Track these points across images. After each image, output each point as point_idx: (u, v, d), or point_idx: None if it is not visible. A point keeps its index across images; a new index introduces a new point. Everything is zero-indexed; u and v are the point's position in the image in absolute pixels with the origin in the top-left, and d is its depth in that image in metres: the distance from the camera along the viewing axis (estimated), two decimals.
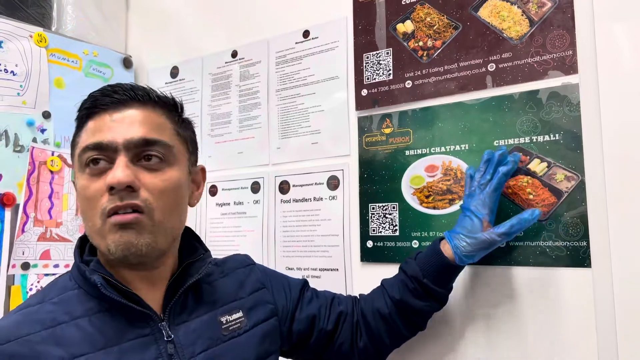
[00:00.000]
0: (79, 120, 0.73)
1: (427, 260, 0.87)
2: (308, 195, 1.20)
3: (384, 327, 0.89)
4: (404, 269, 0.89)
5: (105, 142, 0.68)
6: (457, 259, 0.84)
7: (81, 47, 1.41)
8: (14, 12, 1.32)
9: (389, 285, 0.90)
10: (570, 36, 0.91)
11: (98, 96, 0.71)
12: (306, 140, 1.21)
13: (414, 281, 0.86)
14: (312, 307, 0.90)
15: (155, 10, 1.56)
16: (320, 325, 0.89)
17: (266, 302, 0.85)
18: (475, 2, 1.01)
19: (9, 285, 1.21)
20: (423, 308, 0.87)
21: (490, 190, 0.86)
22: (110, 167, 0.67)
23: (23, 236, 1.24)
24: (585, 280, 0.86)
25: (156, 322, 0.70)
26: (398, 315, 0.88)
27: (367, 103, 1.12)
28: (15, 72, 1.26)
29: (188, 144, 0.78)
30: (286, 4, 1.28)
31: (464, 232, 0.85)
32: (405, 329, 0.90)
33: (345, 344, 0.90)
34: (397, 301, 0.87)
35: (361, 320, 0.91)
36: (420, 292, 0.86)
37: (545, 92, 0.93)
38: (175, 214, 0.72)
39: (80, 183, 0.70)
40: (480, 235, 0.84)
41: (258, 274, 0.89)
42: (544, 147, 0.92)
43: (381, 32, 1.12)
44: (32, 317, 0.66)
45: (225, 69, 1.38)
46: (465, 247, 0.84)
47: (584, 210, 0.87)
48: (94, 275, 0.67)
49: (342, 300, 0.94)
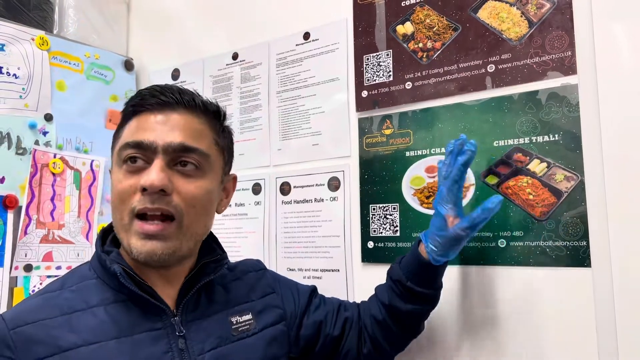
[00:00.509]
0: (125, 116, 0.75)
1: (408, 263, 0.86)
2: (309, 196, 1.20)
3: (380, 333, 0.89)
4: (389, 274, 0.89)
5: (146, 142, 0.70)
6: (431, 259, 0.83)
7: (83, 50, 1.42)
8: (16, 15, 1.33)
9: (380, 292, 0.91)
10: (569, 37, 0.92)
11: (146, 95, 0.73)
12: (307, 142, 1.22)
13: (398, 285, 0.86)
14: (319, 313, 0.90)
15: (157, 12, 1.57)
16: (326, 330, 0.89)
17: (275, 306, 0.87)
18: (475, 3, 1.02)
19: (12, 287, 1.22)
20: (413, 310, 0.86)
21: (450, 182, 0.83)
22: (147, 167, 0.70)
23: (25, 238, 1.25)
24: (585, 280, 0.87)
25: (169, 316, 0.72)
26: (391, 320, 0.88)
27: (367, 104, 1.13)
28: (18, 75, 1.27)
29: (225, 153, 0.80)
30: (286, 6, 1.29)
31: (435, 230, 0.83)
32: (401, 332, 0.89)
33: (352, 351, 0.91)
34: (387, 306, 0.88)
35: (363, 327, 0.92)
36: (407, 295, 0.85)
37: (545, 93, 0.93)
38: (202, 221, 0.75)
39: (115, 176, 0.72)
40: (446, 232, 0.82)
41: (269, 279, 0.91)
42: (543, 147, 0.93)
43: (381, 33, 1.12)
44: (51, 302, 0.69)
45: (226, 71, 1.38)
46: (437, 246, 0.82)
47: (584, 210, 0.88)
48: (114, 265, 0.69)
49: (348, 307, 0.94)
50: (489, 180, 0.97)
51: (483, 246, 0.96)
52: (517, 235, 0.93)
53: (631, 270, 0.83)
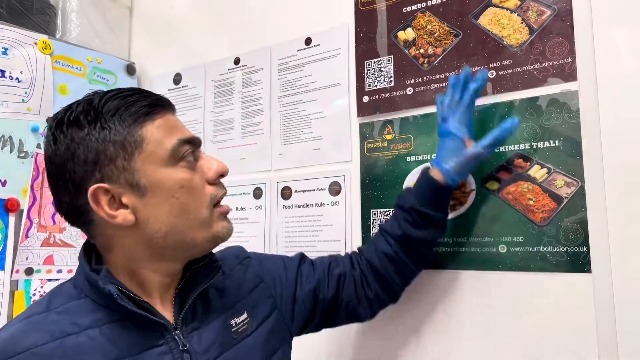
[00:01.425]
0: (137, 116, 0.68)
1: (420, 189, 0.90)
2: (310, 201, 1.21)
3: (392, 268, 0.90)
4: (401, 204, 0.91)
5: (195, 138, 0.72)
6: (449, 180, 0.88)
7: (85, 54, 1.43)
8: (19, 19, 1.34)
9: (388, 227, 0.92)
10: (570, 44, 0.92)
11: (154, 95, 0.71)
12: (308, 147, 1.22)
13: (412, 212, 0.89)
14: (311, 280, 0.90)
15: (159, 17, 1.57)
16: (322, 295, 0.89)
17: (267, 296, 0.85)
18: (476, 10, 1.02)
19: (13, 291, 1.22)
20: (426, 237, 0.90)
21: (464, 108, 0.90)
22: (195, 162, 0.71)
23: (27, 241, 1.25)
24: (586, 286, 0.87)
25: (170, 331, 0.69)
26: (404, 251, 0.90)
27: (368, 109, 1.13)
28: (20, 79, 1.27)
29: None
30: (288, 12, 1.30)
31: (449, 154, 0.89)
32: (413, 263, 0.92)
33: (352, 301, 0.91)
34: (400, 237, 0.89)
35: (367, 270, 0.92)
36: (420, 221, 0.89)
37: (545, 99, 0.93)
38: None
39: (177, 176, 0.68)
40: (466, 152, 0.88)
41: (255, 267, 0.88)
42: (544, 153, 0.93)
43: (382, 39, 1.13)
44: (38, 326, 0.64)
45: (228, 75, 1.39)
46: (454, 166, 0.88)
47: (584, 216, 0.88)
48: (108, 285, 0.65)
49: (339, 261, 0.94)
50: (489, 185, 0.97)
51: (483, 251, 0.97)
52: (518, 240, 0.93)
53: (631, 276, 0.83)
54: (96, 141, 0.65)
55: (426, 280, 1.02)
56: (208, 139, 1.40)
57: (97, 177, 0.65)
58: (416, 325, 1.03)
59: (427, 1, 1.08)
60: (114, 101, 0.67)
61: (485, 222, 0.97)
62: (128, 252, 0.69)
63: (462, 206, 1.00)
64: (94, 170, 0.65)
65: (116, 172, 0.66)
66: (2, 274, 1.20)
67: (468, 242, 0.98)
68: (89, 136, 0.65)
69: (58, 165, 0.67)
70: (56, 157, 0.67)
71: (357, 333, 1.11)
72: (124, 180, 0.66)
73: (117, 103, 0.67)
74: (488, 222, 0.97)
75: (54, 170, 0.68)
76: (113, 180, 0.66)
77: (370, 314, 0.93)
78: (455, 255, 0.99)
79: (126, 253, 0.70)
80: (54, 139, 0.67)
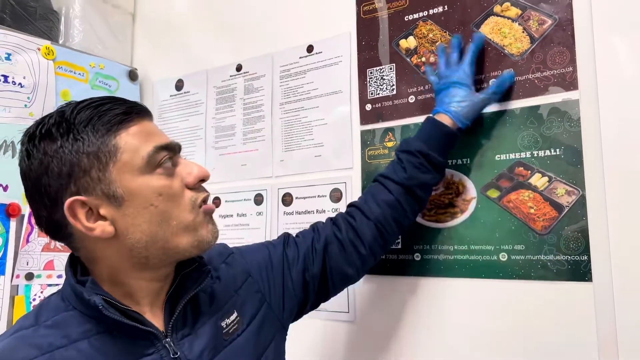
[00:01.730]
0: (110, 125, 0.67)
1: (427, 134, 0.94)
2: (311, 207, 1.21)
3: (391, 214, 0.92)
4: (407, 149, 0.94)
5: (173, 144, 0.70)
6: (459, 123, 0.93)
7: (88, 60, 1.43)
8: (23, 25, 1.35)
9: (390, 173, 0.94)
10: (571, 53, 0.93)
11: (129, 103, 0.70)
12: (309, 153, 1.23)
13: (419, 155, 0.92)
14: (299, 263, 0.89)
15: (161, 23, 1.58)
16: (309, 274, 0.89)
17: (254, 291, 0.84)
18: (477, 19, 1.03)
19: (13, 296, 1.22)
20: (429, 181, 0.93)
21: (468, 62, 0.97)
22: (173, 168, 0.70)
23: (27, 246, 1.25)
24: (587, 295, 0.87)
25: (160, 339, 0.68)
26: (404, 197, 0.92)
27: (371, 117, 1.14)
28: (23, 84, 1.28)
29: None
30: (290, 20, 1.30)
31: (457, 101, 0.94)
32: (409, 210, 0.94)
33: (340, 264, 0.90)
34: (406, 180, 0.91)
35: (362, 224, 0.92)
36: (426, 165, 0.92)
37: (546, 108, 0.94)
38: None
39: (156, 184, 0.67)
40: (474, 98, 0.95)
41: (240, 262, 0.87)
42: (545, 161, 0.93)
43: (384, 47, 1.14)
44: (27, 341, 0.63)
45: (230, 82, 1.39)
46: (465, 109, 0.94)
47: (585, 225, 0.88)
48: (93, 297, 0.64)
49: (320, 232, 0.93)
50: (490, 193, 0.98)
51: (484, 259, 0.97)
52: (519, 249, 0.93)
53: (632, 285, 0.83)
54: (69, 153, 0.64)
55: (425, 288, 1.03)
56: (209, 145, 1.41)
57: (73, 189, 0.64)
58: (414, 334, 1.03)
59: (428, 10, 1.09)
60: (86, 111, 0.66)
61: (486, 230, 0.97)
62: (111, 262, 0.68)
63: (463, 214, 1.00)
64: (69, 183, 0.64)
65: (92, 184, 0.64)
66: (3, 279, 1.20)
67: (469, 250, 0.99)
68: (62, 149, 0.64)
69: (33, 180, 0.66)
70: (31, 172, 0.66)
71: (353, 343, 1.11)
72: (100, 192, 0.65)
73: (89, 113, 0.66)
74: (489, 230, 0.97)
75: (29, 185, 0.67)
76: (89, 192, 0.64)
77: (360, 273, 0.94)
78: (456, 263, 0.99)
79: (110, 264, 0.68)
80: (27, 154, 0.66)
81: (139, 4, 1.65)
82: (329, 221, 0.95)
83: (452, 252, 1.00)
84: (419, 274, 1.04)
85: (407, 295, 1.05)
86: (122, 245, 0.67)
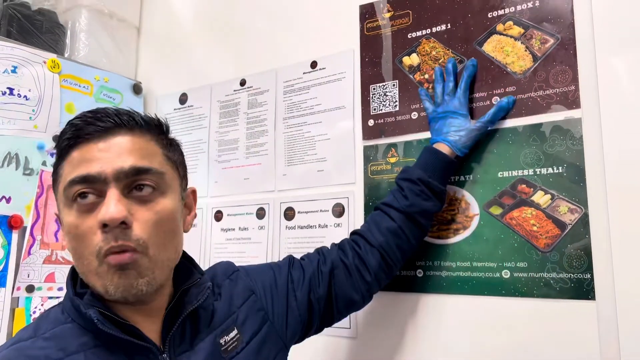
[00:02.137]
0: (60, 151, 0.68)
1: (427, 163, 0.96)
2: (313, 222, 1.21)
3: (394, 242, 0.93)
4: (408, 177, 0.95)
5: (93, 174, 0.64)
6: (457, 152, 0.96)
7: (93, 73, 1.45)
8: (29, 38, 1.36)
9: (391, 201, 0.95)
10: (573, 72, 0.93)
11: (81, 124, 0.66)
12: (312, 168, 1.23)
13: (420, 183, 0.94)
14: (304, 285, 0.89)
15: (166, 38, 1.60)
16: (315, 296, 0.89)
17: (257, 309, 0.83)
18: (480, 37, 1.04)
19: (13, 308, 1.21)
20: (430, 208, 0.95)
21: (462, 91, 1.00)
22: (100, 201, 0.64)
23: (29, 259, 1.25)
24: (590, 313, 0.87)
25: (156, 355, 0.67)
26: (406, 225, 0.94)
27: (373, 133, 1.14)
28: (28, 97, 1.29)
29: (178, 167, 0.75)
30: (295, 36, 1.32)
31: (454, 130, 0.97)
32: (412, 237, 0.95)
33: (346, 290, 0.91)
34: (407, 207, 0.93)
35: (367, 251, 0.93)
36: (427, 192, 0.94)
37: (549, 126, 0.94)
38: (170, 246, 0.69)
39: (67, 220, 0.65)
40: (471, 126, 0.97)
41: (245, 280, 0.86)
42: (547, 179, 0.94)
43: (387, 64, 1.15)
44: (25, 352, 0.63)
45: (234, 96, 1.40)
46: (461, 139, 0.96)
47: (588, 243, 0.88)
48: (90, 310, 0.63)
49: (326, 256, 0.93)
50: (493, 210, 0.98)
51: (487, 276, 0.96)
52: (521, 266, 0.93)
53: (636, 303, 0.83)
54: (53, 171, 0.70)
55: (428, 304, 1.02)
56: (212, 159, 1.41)
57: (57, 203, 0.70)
58: (415, 351, 1.02)
59: (431, 28, 1.10)
60: (65, 127, 0.69)
61: (489, 247, 0.97)
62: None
63: (466, 230, 1.00)
64: (56, 198, 0.70)
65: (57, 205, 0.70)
66: (3, 292, 1.20)
67: (471, 267, 0.98)
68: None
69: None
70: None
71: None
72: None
73: (63, 130, 0.68)
74: (491, 247, 0.97)
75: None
76: (58, 208, 0.70)
77: (366, 299, 0.94)
78: (458, 280, 0.99)
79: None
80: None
81: (144, 18, 1.67)
82: (335, 246, 0.96)
83: (454, 268, 1.00)
84: (421, 290, 1.03)
85: (409, 311, 1.05)
86: None
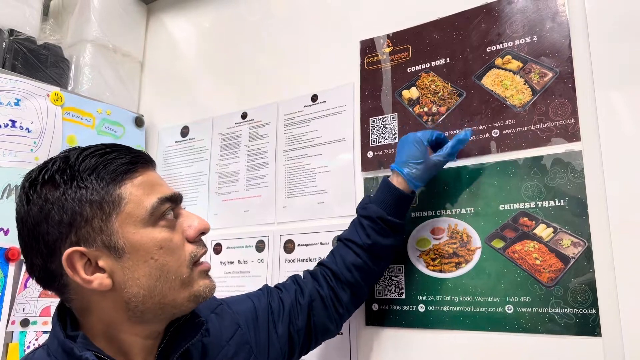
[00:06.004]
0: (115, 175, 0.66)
1: (384, 199, 0.95)
2: (313, 255, 1.19)
3: (360, 276, 0.95)
4: (367, 215, 0.95)
5: (176, 195, 0.70)
6: (411, 185, 0.95)
7: (95, 106, 1.46)
8: (34, 72, 1.38)
9: (354, 237, 0.95)
10: (572, 105, 0.94)
11: (134, 152, 0.69)
12: (312, 200, 1.23)
13: (379, 221, 0.94)
14: (284, 317, 0.90)
15: (169, 72, 1.62)
16: (294, 328, 0.91)
17: (243, 343, 0.84)
18: (479, 71, 1.05)
19: (7, 343, 1.19)
20: (392, 243, 0.96)
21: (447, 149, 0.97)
22: (174, 219, 0.69)
23: (25, 292, 1.23)
24: (596, 350, 0.84)
25: None
26: (370, 259, 0.95)
27: (373, 165, 1.14)
28: (30, 129, 1.29)
29: None
30: (296, 70, 1.33)
31: (412, 162, 0.95)
32: (377, 269, 0.98)
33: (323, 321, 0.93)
34: (370, 245, 0.94)
35: (337, 285, 0.94)
36: (387, 230, 0.94)
37: (549, 159, 0.94)
38: None
39: (159, 236, 0.66)
40: (429, 160, 0.95)
41: (229, 313, 0.86)
42: (549, 212, 0.93)
43: (387, 97, 1.15)
44: None
45: (235, 129, 1.41)
46: (417, 172, 0.94)
47: (592, 277, 0.87)
48: (85, 353, 0.62)
49: (303, 288, 0.95)
50: (494, 243, 0.97)
51: (490, 311, 0.94)
52: (525, 301, 0.92)
53: None
54: (72, 201, 0.62)
55: (429, 341, 1.00)
56: (212, 191, 1.41)
57: (73, 239, 0.62)
58: None
59: (431, 62, 1.11)
60: (91, 159, 0.65)
61: (492, 281, 0.95)
62: (106, 315, 0.66)
63: (468, 264, 0.98)
64: (69, 232, 0.62)
65: (92, 234, 0.63)
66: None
67: (474, 302, 0.96)
68: (65, 196, 0.62)
69: (30, 227, 0.63)
70: (29, 218, 0.63)
71: None
72: (100, 243, 0.63)
73: (94, 161, 0.65)
74: (494, 281, 0.95)
75: (26, 231, 0.64)
76: (89, 243, 0.63)
77: (339, 327, 0.98)
78: (461, 315, 0.97)
79: (104, 317, 0.66)
80: (27, 199, 0.64)
81: (148, 53, 1.70)
82: (308, 275, 0.97)
83: (456, 303, 0.98)
84: (423, 325, 1.01)
85: (410, 348, 1.02)
86: (118, 298, 0.65)
